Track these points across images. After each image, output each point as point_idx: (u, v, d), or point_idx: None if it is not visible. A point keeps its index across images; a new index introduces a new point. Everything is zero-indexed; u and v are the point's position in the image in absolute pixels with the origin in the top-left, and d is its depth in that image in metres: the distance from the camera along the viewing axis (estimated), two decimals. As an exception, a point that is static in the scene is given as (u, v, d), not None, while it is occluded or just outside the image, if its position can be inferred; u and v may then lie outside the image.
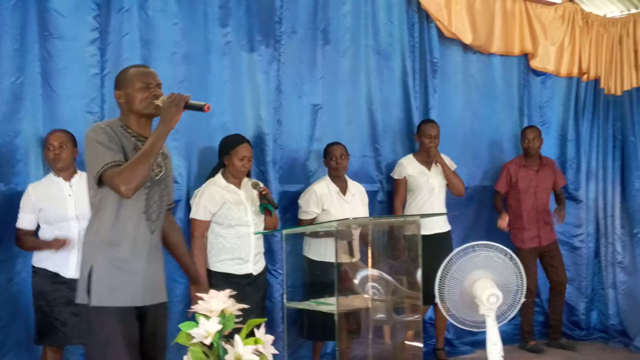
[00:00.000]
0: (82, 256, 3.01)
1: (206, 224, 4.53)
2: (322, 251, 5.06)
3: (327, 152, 5.24)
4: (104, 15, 4.59)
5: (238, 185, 4.60)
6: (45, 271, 4.14)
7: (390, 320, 4.62)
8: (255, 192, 4.54)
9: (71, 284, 3.77)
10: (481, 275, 3.89)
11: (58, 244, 4.07)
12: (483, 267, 3.90)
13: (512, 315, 3.95)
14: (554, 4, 6.96)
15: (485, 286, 3.81)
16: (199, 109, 2.97)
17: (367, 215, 5.33)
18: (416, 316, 4.54)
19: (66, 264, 4.12)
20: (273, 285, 5.18)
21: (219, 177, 4.60)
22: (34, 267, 4.20)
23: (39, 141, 4.40)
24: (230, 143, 4.59)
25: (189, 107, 2.96)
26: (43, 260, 4.16)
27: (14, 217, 4.20)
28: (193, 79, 4.94)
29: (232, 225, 4.51)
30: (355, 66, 5.78)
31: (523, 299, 4.10)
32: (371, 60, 5.86)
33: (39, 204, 4.14)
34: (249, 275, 4.55)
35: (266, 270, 4.80)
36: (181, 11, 4.90)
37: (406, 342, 4.66)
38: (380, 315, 4.53)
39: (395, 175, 5.81)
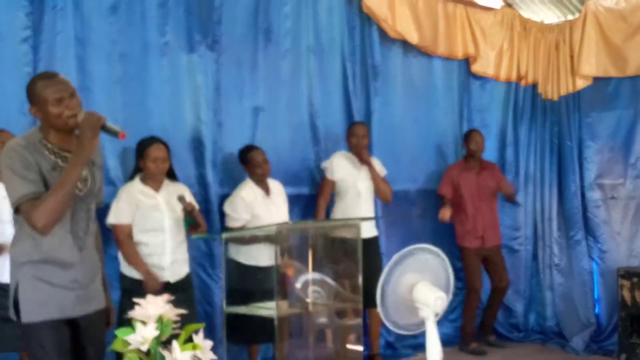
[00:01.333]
0: (10, 272, 2.88)
1: (129, 227, 4.36)
2: (254, 255, 4.94)
3: (249, 159, 5.04)
4: (36, 12, 4.45)
5: (157, 188, 4.45)
6: None
7: (331, 324, 4.60)
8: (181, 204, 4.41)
9: (5, 289, 3.64)
10: (415, 278, 3.87)
11: None
12: (416, 271, 3.88)
13: (440, 316, 3.97)
14: (493, 9, 7.05)
15: (429, 289, 3.79)
16: (114, 134, 2.82)
17: (286, 212, 5.20)
18: (357, 320, 4.53)
19: (1, 270, 3.95)
20: (213, 290, 5.10)
21: (136, 180, 4.45)
22: None
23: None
24: (142, 146, 4.44)
25: (104, 130, 2.81)
26: None
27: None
28: (130, 79, 4.83)
29: (147, 230, 4.36)
30: (296, 68, 5.74)
31: (451, 296, 4.10)
32: (312, 63, 5.83)
33: None
34: (166, 284, 4.35)
35: (190, 277, 4.63)
36: (118, 10, 4.79)
37: (347, 345, 4.65)
38: (323, 319, 4.51)
39: (327, 174, 5.65)
